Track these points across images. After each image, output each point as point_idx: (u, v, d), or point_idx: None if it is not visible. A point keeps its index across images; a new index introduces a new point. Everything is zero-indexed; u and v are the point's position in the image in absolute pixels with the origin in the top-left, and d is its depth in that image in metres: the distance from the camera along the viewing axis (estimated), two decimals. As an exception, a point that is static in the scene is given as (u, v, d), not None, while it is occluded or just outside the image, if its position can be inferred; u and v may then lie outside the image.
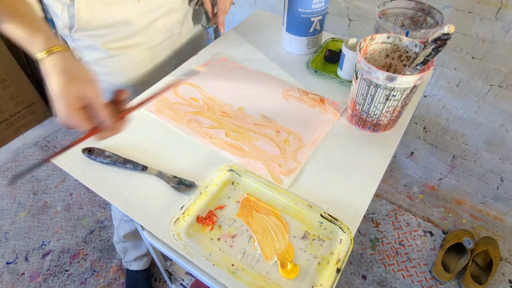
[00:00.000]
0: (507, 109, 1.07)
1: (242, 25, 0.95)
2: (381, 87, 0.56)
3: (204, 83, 0.76)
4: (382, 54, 0.65)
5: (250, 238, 0.51)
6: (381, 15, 0.73)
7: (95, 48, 0.70)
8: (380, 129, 0.65)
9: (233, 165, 0.58)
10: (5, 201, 1.47)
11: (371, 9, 1.12)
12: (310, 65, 0.79)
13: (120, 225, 1.06)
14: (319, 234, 0.51)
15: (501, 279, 1.22)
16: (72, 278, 1.25)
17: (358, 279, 1.23)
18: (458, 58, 1.06)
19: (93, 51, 0.71)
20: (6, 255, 1.31)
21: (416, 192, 1.47)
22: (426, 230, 1.36)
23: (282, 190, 0.54)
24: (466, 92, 1.12)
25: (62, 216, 1.42)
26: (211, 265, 0.47)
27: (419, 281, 1.22)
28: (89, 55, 0.72)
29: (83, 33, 0.67)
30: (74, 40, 0.69)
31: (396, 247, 1.31)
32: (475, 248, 1.23)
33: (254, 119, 0.68)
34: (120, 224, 1.06)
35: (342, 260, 0.47)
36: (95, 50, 0.71)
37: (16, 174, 0.38)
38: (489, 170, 1.25)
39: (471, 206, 1.39)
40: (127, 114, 0.47)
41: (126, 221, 1.04)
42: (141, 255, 1.16)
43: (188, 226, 0.51)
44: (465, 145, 1.24)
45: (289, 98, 0.73)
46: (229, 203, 0.55)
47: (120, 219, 1.05)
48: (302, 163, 0.60)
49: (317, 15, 0.76)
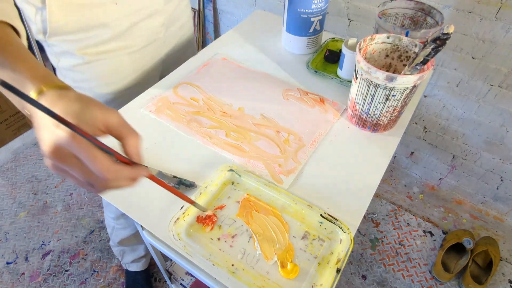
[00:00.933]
0: (507, 109, 1.07)
1: (242, 25, 0.95)
2: (381, 87, 0.56)
3: (204, 83, 0.76)
4: (382, 54, 0.65)
5: (250, 238, 0.51)
6: (381, 15, 0.73)
7: (71, 54, 0.66)
8: (380, 129, 0.65)
9: (233, 165, 0.58)
10: (5, 201, 1.47)
11: (371, 9, 1.12)
12: (310, 65, 0.79)
13: (113, 232, 1.05)
14: (319, 234, 0.51)
15: (501, 279, 1.22)
16: (72, 278, 1.25)
17: (358, 279, 1.23)
18: (458, 58, 1.06)
19: (69, 57, 0.67)
20: (6, 255, 1.31)
21: (416, 192, 1.47)
22: (426, 230, 1.36)
23: (282, 190, 0.54)
24: (466, 92, 1.12)
25: (62, 216, 1.42)
26: (211, 265, 0.47)
27: (419, 281, 1.22)
28: (65, 61, 0.68)
29: (58, 38, 0.63)
30: (50, 45, 0.65)
31: (396, 247, 1.31)
32: (475, 248, 1.23)
33: (254, 119, 0.68)
34: (113, 232, 1.05)
35: (342, 260, 0.47)
36: (71, 56, 0.67)
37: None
38: (489, 170, 1.25)
39: (471, 206, 1.39)
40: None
41: (118, 228, 1.02)
42: (139, 257, 1.16)
43: (188, 226, 0.51)
44: (465, 145, 1.24)
45: (289, 98, 0.73)
46: (229, 203, 0.55)
47: (113, 227, 1.03)
48: (302, 163, 0.60)
49: (317, 15, 0.76)
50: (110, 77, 0.73)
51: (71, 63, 0.68)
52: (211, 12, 1.62)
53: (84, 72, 0.70)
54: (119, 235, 1.05)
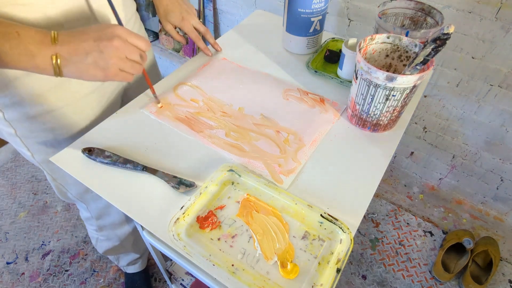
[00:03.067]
0: (507, 109, 1.07)
1: (242, 25, 0.95)
2: (381, 87, 0.56)
3: (204, 84, 0.76)
4: (382, 54, 0.65)
5: (250, 238, 0.51)
6: (381, 15, 0.73)
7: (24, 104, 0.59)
8: (380, 129, 0.65)
9: (233, 165, 0.58)
10: (5, 201, 1.47)
11: (371, 9, 1.12)
12: (310, 65, 0.79)
13: (97, 244, 1.03)
14: (319, 234, 0.51)
15: (501, 279, 1.22)
16: (72, 278, 1.25)
17: (358, 279, 1.23)
18: (458, 58, 1.06)
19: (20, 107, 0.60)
20: (6, 255, 1.31)
21: (416, 192, 1.47)
22: (426, 230, 1.36)
23: (282, 190, 0.54)
24: (466, 92, 1.12)
25: (62, 216, 1.42)
26: (211, 265, 0.47)
27: (419, 281, 1.22)
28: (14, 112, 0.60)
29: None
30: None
31: (396, 247, 1.31)
32: (475, 248, 1.23)
33: (254, 119, 0.68)
34: (97, 243, 1.03)
35: (342, 260, 0.47)
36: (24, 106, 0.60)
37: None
38: (489, 170, 1.25)
39: (471, 206, 1.39)
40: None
41: (102, 240, 1.00)
42: (134, 259, 1.14)
43: (188, 226, 0.51)
44: (465, 145, 1.24)
45: (289, 98, 0.73)
46: (229, 203, 0.55)
47: (97, 238, 1.01)
48: (302, 163, 0.60)
49: (317, 15, 0.76)
50: (38, 99, 0.62)
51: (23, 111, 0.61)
52: (211, 12, 1.62)
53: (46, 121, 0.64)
54: (103, 246, 1.02)
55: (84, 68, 0.48)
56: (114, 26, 0.50)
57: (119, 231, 0.96)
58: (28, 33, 0.45)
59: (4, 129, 0.64)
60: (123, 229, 0.96)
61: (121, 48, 0.49)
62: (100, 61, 0.48)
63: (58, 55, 0.46)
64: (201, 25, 0.80)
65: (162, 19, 0.78)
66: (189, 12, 0.78)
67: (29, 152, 0.69)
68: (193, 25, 0.78)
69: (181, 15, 0.76)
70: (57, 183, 0.78)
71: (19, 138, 0.65)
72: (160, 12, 0.77)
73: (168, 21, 0.77)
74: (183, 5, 0.77)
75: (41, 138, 0.66)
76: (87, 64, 0.48)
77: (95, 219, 0.90)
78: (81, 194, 0.81)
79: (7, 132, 0.64)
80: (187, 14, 0.77)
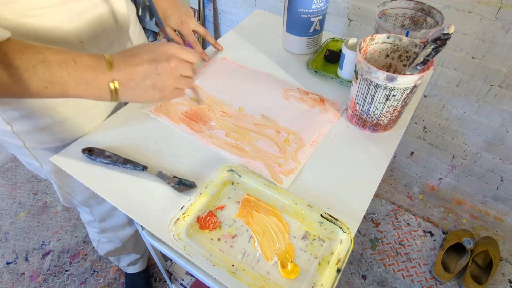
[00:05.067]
0: (507, 109, 1.07)
1: (242, 25, 0.95)
2: (381, 87, 0.56)
3: (204, 83, 0.76)
4: (382, 54, 0.65)
5: (250, 238, 0.51)
6: (381, 15, 0.73)
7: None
8: (380, 129, 0.65)
9: (233, 165, 0.58)
10: (5, 201, 1.47)
11: (371, 9, 1.12)
12: (310, 65, 0.79)
13: (99, 246, 1.02)
14: (319, 234, 0.51)
15: (501, 279, 1.22)
16: (72, 278, 1.25)
17: (358, 279, 1.23)
18: (458, 58, 1.06)
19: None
20: (6, 255, 1.31)
21: (416, 192, 1.47)
22: (426, 230, 1.36)
23: (282, 190, 0.54)
24: (466, 92, 1.12)
25: (62, 216, 1.42)
26: (211, 265, 0.47)
27: (419, 281, 1.22)
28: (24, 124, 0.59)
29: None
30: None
31: (396, 247, 1.31)
32: (475, 248, 1.23)
33: (254, 119, 0.68)
34: (99, 245, 1.02)
35: (342, 260, 0.47)
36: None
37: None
38: (489, 170, 1.25)
39: (471, 206, 1.39)
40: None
41: (104, 242, 1.00)
42: (134, 259, 1.13)
43: (188, 227, 0.51)
44: (465, 145, 1.24)
45: (289, 98, 0.73)
46: (229, 203, 0.54)
47: (98, 240, 1.00)
48: (302, 163, 0.60)
49: (317, 15, 0.76)
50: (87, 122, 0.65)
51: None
52: (211, 12, 1.62)
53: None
54: (105, 248, 1.02)
55: (141, 92, 0.48)
56: (165, 45, 0.49)
57: (121, 233, 0.96)
58: (83, 60, 0.43)
59: (11, 142, 0.63)
60: (125, 231, 0.96)
61: (177, 67, 0.49)
62: (157, 83, 0.48)
63: (115, 82, 0.45)
64: (201, 27, 0.80)
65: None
66: (188, 15, 0.78)
67: (37, 163, 0.68)
68: (193, 28, 0.78)
69: (180, 18, 0.76)
70: (63, 191, 0.77)
71: (27, 150, 0.65)
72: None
73: (167, 25, 0.77)
74: (181, 8, 0.77)
75: (51, 148, 0.65)
76: (145, 87, 0.47)
77: (98, 222, 0.90)
78: (86, 199, 0.81)
79: (15, 144, 0.63)
80: (186, 18, 0.77)
